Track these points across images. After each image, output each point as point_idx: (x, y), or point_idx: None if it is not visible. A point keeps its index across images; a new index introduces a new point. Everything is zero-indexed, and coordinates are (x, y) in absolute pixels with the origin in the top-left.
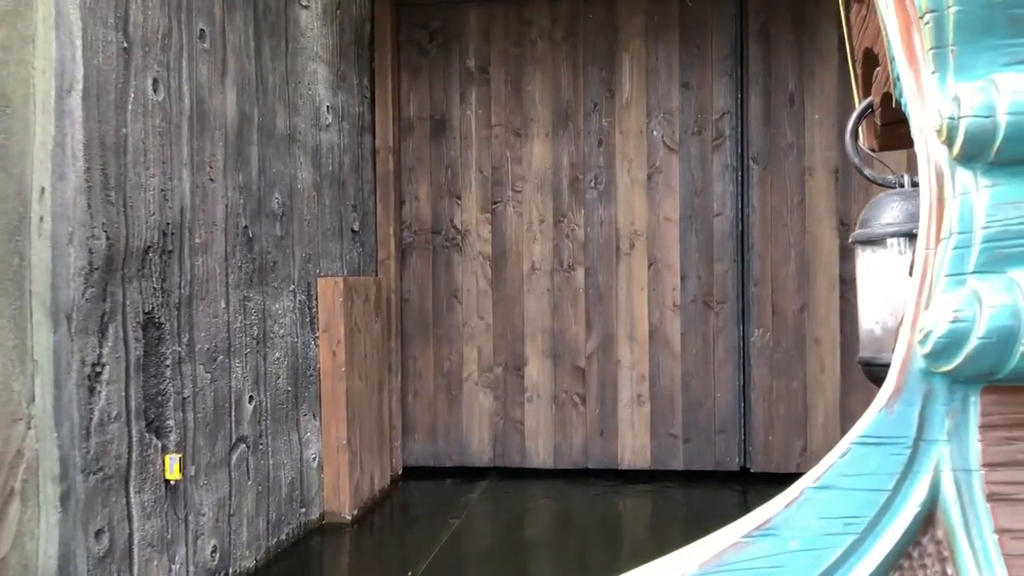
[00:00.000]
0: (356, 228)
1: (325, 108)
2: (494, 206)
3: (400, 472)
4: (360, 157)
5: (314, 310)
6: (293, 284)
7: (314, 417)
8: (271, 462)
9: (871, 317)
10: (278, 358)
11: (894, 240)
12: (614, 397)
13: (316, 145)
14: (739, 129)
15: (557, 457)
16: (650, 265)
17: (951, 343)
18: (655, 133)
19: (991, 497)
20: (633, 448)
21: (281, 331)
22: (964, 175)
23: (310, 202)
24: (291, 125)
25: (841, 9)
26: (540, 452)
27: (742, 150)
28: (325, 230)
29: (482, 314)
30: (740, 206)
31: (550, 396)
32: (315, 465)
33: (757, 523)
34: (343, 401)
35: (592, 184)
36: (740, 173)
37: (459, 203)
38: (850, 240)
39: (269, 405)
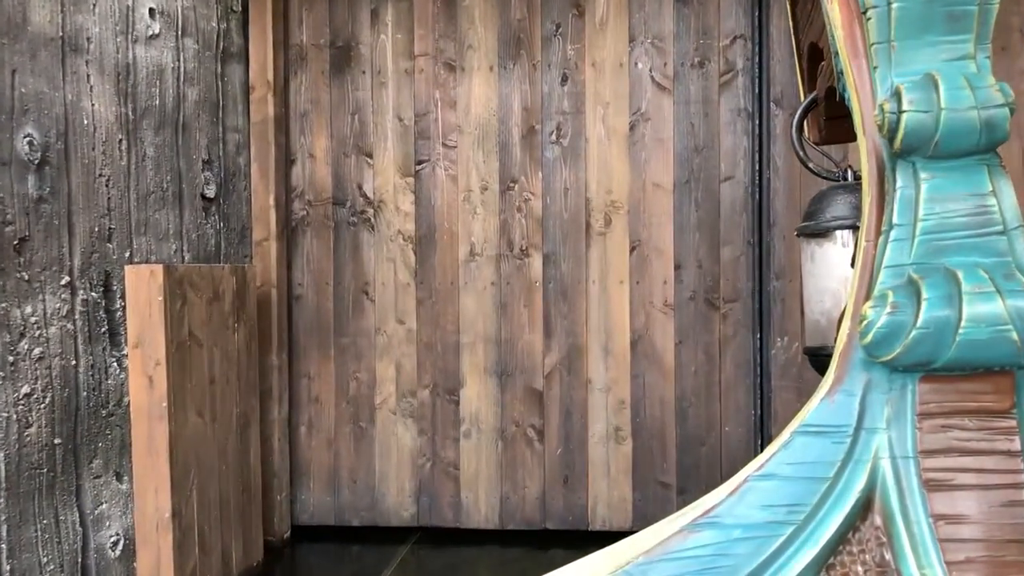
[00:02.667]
0: (211, 194)
1: (146, 11)
2: (419, 167)
3: (288, 535)
4: (221, 94)
5: (117, 315)
6: (67, 274)
7: (117, 479)
8: (17, 563)
9: (816, 308)
10: (30, 394)
11: (837, 232)
12: (583, 431)
13: (127, 64)
14: (756, 60)
15: (504, 514)
16: (633, 249)
17: (890, 333)
18: (639, 66)
19: (927, 483)
20: (609, 502)
21: (38, 349)
22: (904, 169)
23: (110, 149)
24: (71, 25)
25: (787, 4)
26: (481, 507)
27: (760, 89)
28: (145, 194)
29: (402, 317)
30: (757, 167)
31: (495, 430)
32: (117, 552)
33: (701, 512)
34: (164, 451)
35: (553, 137)
36: (758, 121)
37: (370, 163)
38: (795, 232)
39: (8, 473)
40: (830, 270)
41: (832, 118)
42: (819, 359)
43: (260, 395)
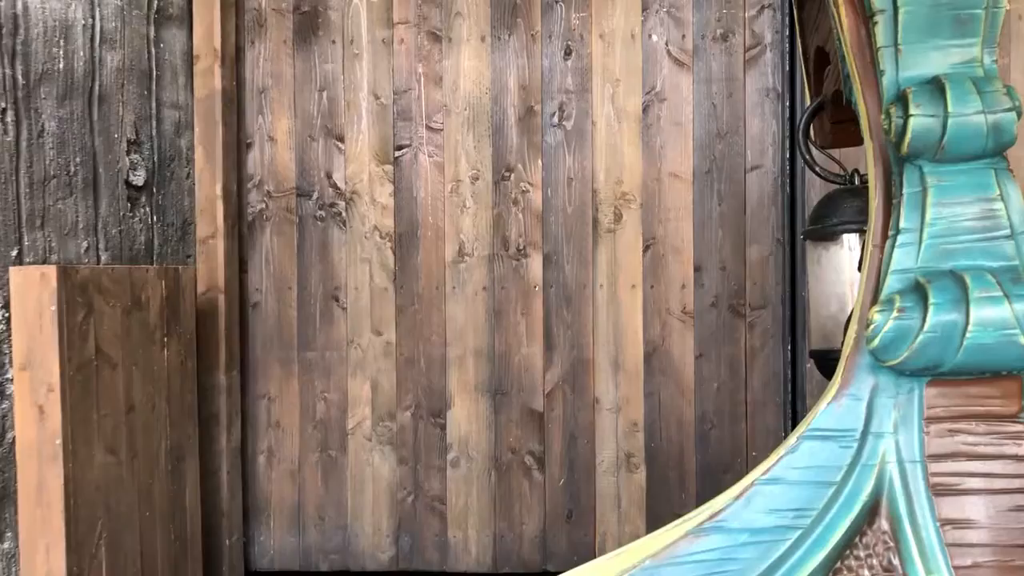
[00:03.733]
0: (139, 182)
1: None
2: (398, 154)
3: None
4: (155, 62)
5: (0, 329)
6: None
7: None
8: None
9: (822, 312)
10: None
11: (844, 236)
12: (589, 458)
13: (13, 15)
14: (787, 34)
15: (498, 555)
16: (647, 248)
17: (897, 337)
18: (654, 38)
19: (935, 488)
20: (619, 539)
21: None
22: (911, 173)
23: None
24: None
25: (793, 7)
26: (472, 547)
27: (791, 67)
28: (42, 179)
29: (379, 327)
30: (788, 155)
31: (487, 457)
32: None
33: (707, 516)
34: (58, 500)
35: (555, 119)
36: (788, 103)
37: (341, 148)
38: (800, 236)
39: None
40: (837, 274)
41: (838, 122)
42: (826, 363)
43: (203, 422)
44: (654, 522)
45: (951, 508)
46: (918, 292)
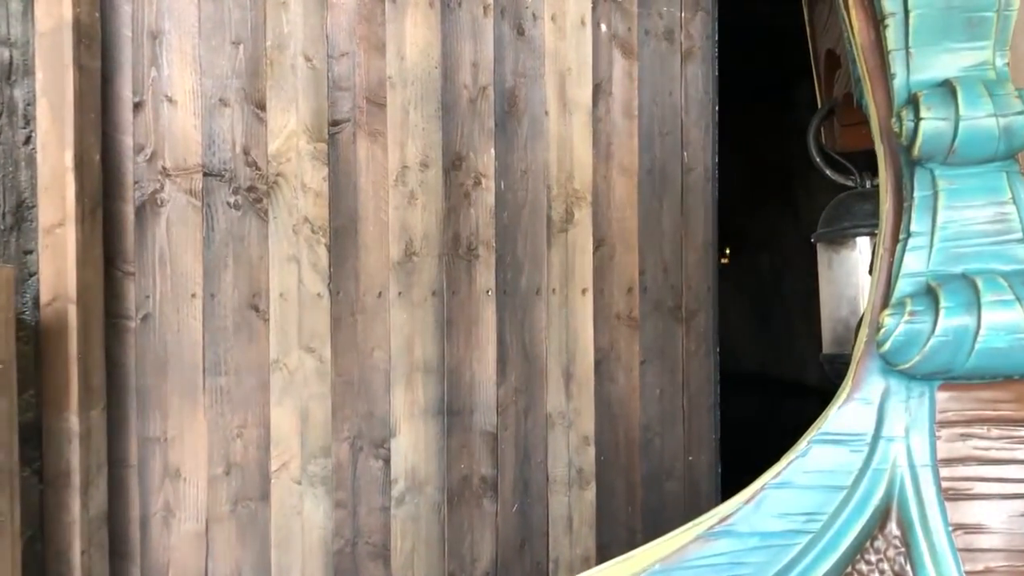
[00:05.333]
0: None
1: None
2: (334, 130)
3: None
4: None
5: None
6: None
7: None
8: None
9: (833, 315)
10: None
11: (854, 240)
12: (543, 478)
13: None
14: (716, 38)
15: None
16: (596, 248)
17: (908, 341)
18: (603, 27)
19: (946, 493)
20: (571, 563)
21: None
22: (922, 176)
23: None
24: None
25: (804, 11)
26: None
27: (718, 72)
28: None
29: (311, 342)
30: (716, 159)
31: (437, 488)
32: None
33: (717, 520)
34: None
35: (508, 103)
36: (716, 106)
37: (262, 118)
38: (811, 239)
39: None
40: (847, 277)
41: (849, 125)
42: (836, 366)
43: (48, 483)
44: (604, 542)
45: (963, 513)
46: (929, 296)
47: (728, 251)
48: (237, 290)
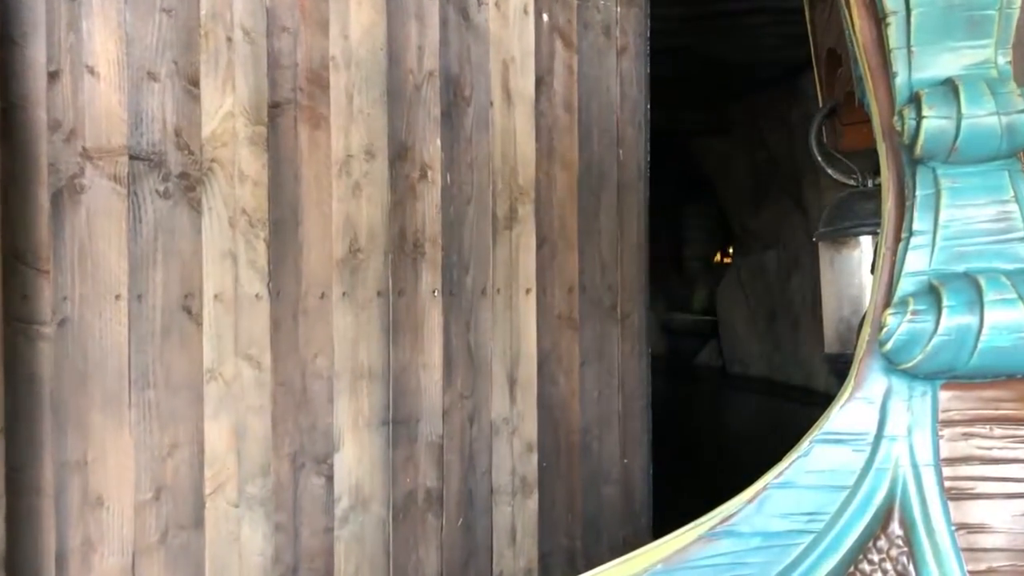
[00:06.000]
0: None
1: None
2: (275, 112)
3: None
4: None
5: None
6: None
7: None
8: None
9: (834, 314)
10: None
11: (856, 239)
12: (487, 487)
13: None
14: (647, 35)
15: None
16: (540, 246)
17: (910, 340)
18: (544, 18)
19: (949, 492)
20: (514, 574)
21: None
22: (924, 175)
23: None
24: None
25: (805, 9)
26: None
27: (649, 69)
28: None
29: (249, 349)
30: (647, 158)
31: (383, 504)
32: None
33: (719, 520)
34: None
35: (454, 91)
36: (647, 104)
37: (195, 95)
38: (813, 238)
39: None
40: (849, 276)
41: (851, 124)
42: (838, 366)
43: None
44: (545, 551)
45: (966, 512)
46: (932, 295)
47: (731, 250)
48: (167, 290)
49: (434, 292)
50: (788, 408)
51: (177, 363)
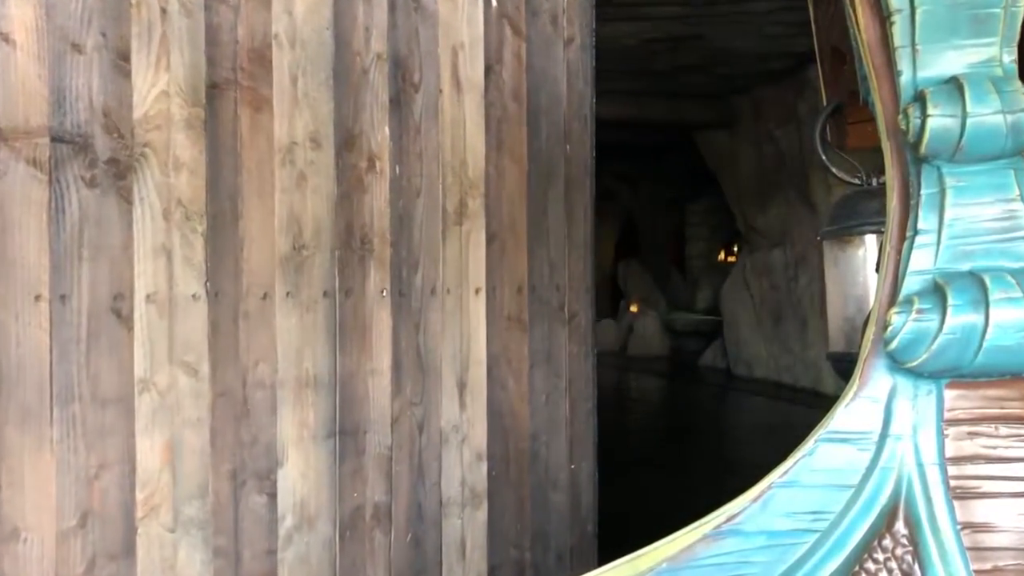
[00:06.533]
0: None
1: None
2: (213, 93)
3: None
4: None
5: None
6: None
7: None
8: None
9: (839, 313)
10: None
11: (861, 237)
12: (437, 500)
13: None
14: (594, 27)
15: None
16: (489, 243)
17: (915, 339)
18: (493, 3)
19: (954, 491)
20: None
21: None
22: (929, 174)
23: None
24: None
25: (809, 7)
26: None
27: (595, 61)
28: None
29: (185, 355)
30: (594, 154)
31: (329, 521)
32: None
33: (724, 519)
34: None
35: (403, 79)
36: (594, 98)
37: (126, 71)
38: (818, 237)
39: None
40: (853, 275)
41: (855, 122)
42: (842, 365)
43: None
44: (495, 563)
45: (971, 511)
46: (937, 293)
47: (736, 248)
48: (94, 291)
49: (383, 292)
50: (796, 411)
51: (105, 372)
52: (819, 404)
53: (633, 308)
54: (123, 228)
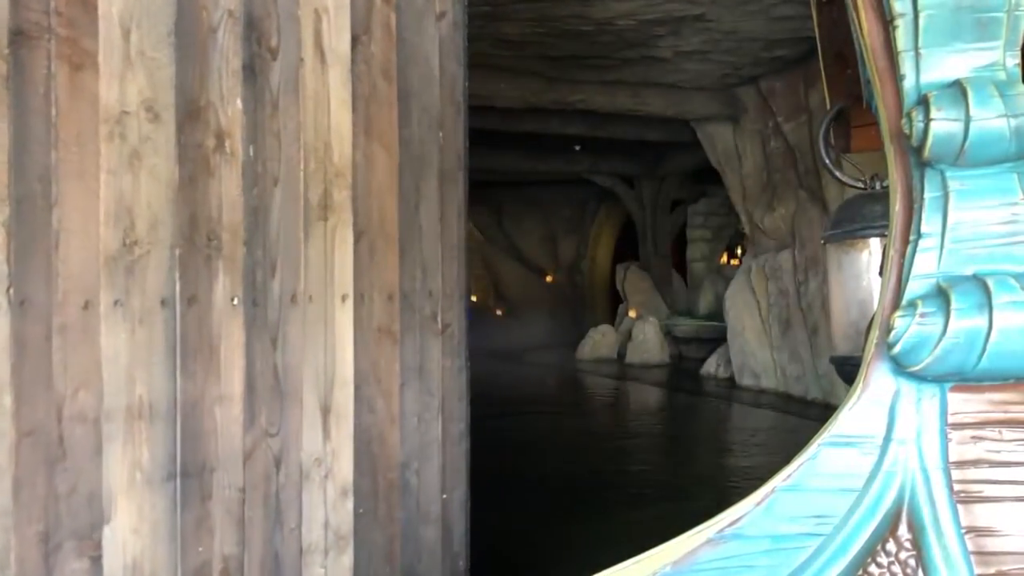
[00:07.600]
0: None
1: None
2: (18, 42)
3: None
4: None
5: None
6: None
7: None
8: None
9: (842, 317)
10: None
11: (865, 241)
12: (296, 547)
13: None
14: (466, 6)
15: None
16: (357, 241)
17: (919, 343)
18: None
19: (958, 495)
20: None
21: None
22: (932, 177)
23: None
24: None
25: (813, 12)
26: None
27: (467, 43)
28: None
29: None
30: (466, 146)
31: None
32: None
33: (727, 523)
34: None
35: (258, 42)
36: (466, 82)
37: None
38: (821, 240)
39: None
40: (857, 279)
41: (859, 126)
42: (846, 369)
43: None
44: None
45: (974, 515)
46: (940, 297)
47: (740, 250)
48: None
49: (233, 300)
50: (807, 425)
51: None
52: (830, 417)
53: (632, 313)
54: None
